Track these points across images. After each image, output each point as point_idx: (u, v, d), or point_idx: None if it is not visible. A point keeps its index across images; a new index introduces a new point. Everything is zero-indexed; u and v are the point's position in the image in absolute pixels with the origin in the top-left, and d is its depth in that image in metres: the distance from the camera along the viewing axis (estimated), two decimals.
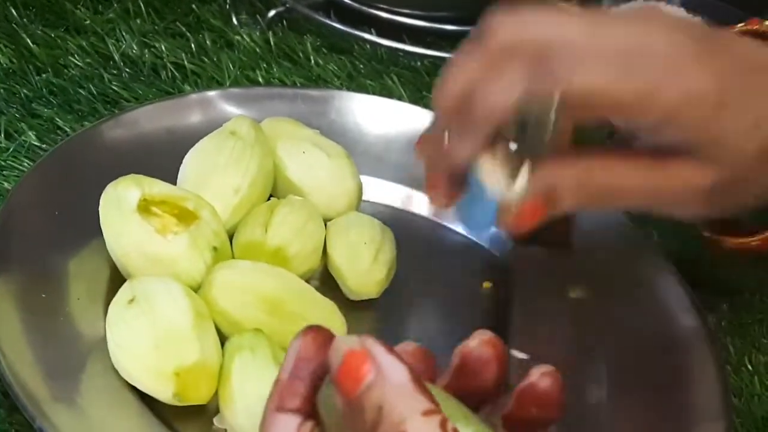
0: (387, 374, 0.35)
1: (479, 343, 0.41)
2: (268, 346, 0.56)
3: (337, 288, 0.65)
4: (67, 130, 0.72)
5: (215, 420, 0.56)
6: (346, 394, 0.35)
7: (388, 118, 0.77)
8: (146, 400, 0.56)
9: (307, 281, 0.63)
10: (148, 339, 0.54)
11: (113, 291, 0.59)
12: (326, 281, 0.66)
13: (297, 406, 0.38)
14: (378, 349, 0.36)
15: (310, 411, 0.38)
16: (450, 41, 0.89)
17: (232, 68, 0.81)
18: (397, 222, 0.69)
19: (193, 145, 0.67)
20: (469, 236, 0.71)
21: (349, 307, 0.63)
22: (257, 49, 0.84)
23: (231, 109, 0.73)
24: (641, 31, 0.48)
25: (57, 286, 0.60)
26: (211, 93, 0.74)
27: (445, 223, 0.72)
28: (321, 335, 0.39)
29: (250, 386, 0.54)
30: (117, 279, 0.60)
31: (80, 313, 0.59)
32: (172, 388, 0.54)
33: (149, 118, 0.71)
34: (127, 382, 0.56)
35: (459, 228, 0.72)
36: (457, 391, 0.40)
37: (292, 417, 0.38)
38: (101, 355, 0.57)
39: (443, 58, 0.87)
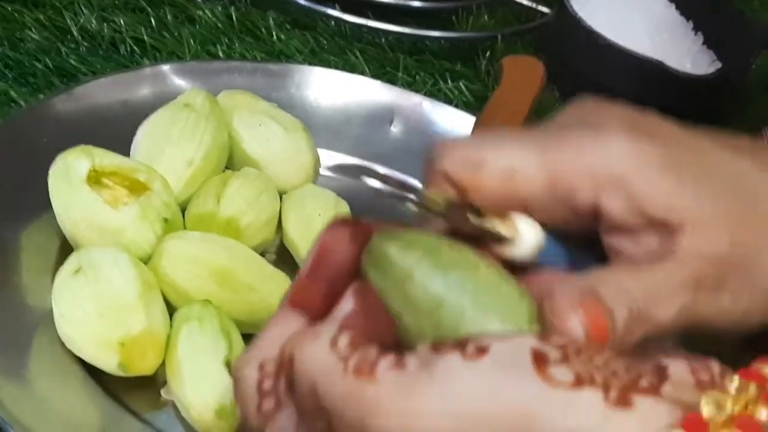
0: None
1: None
2: (216, 317, 0.55)
3: (294, 261, 0.64)
4: (22, 103, 0.71)
5: (162, 391, 0.55)
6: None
7: (347, 92, 0.76)
8: (93, 372, 0.55)
9: (263, 255, 0.63)
10: (92, 308, 0.53)
11: (63, 263, 0.58)
12: (282, 255, 0.65)
13: (308, 306, 0.36)
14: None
15: (322, 312, 0.36)
16: (415, 18, 0.89)
17: (192, 43, 0.80)
18: (354, 195, 0.68)
19: (147, 118, 0.66)
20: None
21: None
22: (219, 25, 0.83)
23: (187, 82, 0.72)
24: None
25: (6, 258, 0.59)
26: (167, 66, 0.73)
27: (403, 195, 0.71)
28: (347, 231, 0.37)
29: (196, 357, 0.54)
30: (67, 251, 0.59)
31: (29, 285, 0.58)
32: (116, 357, 0.53)
33: (103, 91, 0.70)
34: (73, 354, 0.55)
35: (417, 201, 0.71)
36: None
37: (299, 317, 0.36)
38: (48, 328, 0.56)
39: (408, 35, 0.86)
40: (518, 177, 0.38)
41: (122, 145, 0.64)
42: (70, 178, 0.59)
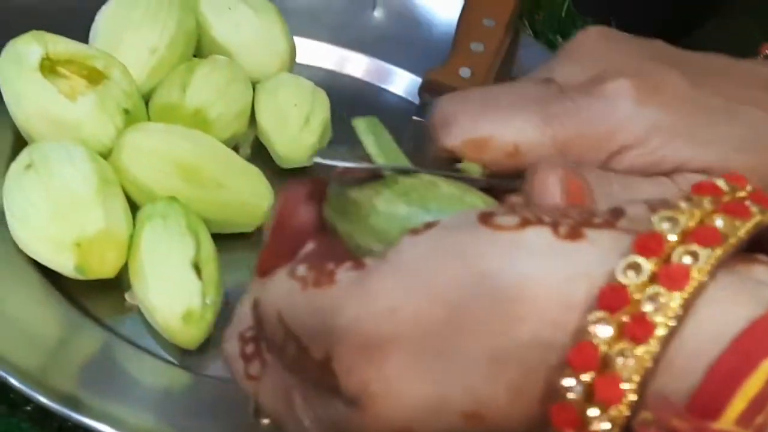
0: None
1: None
2: (182, 214, 0.51)
3: (269, 156, 0.60)
4: None
5: (127, 296, 0.52)
6: None
7: None
8: (51, 275, 0.51)
9: (236, 149, 0.58)
10: (45, 207, 0.49)
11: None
12: (257, 150, 0.61)
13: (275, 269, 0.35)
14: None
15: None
16: None
17: None
18: (331, 85, 0.64)
19: (106, 1, 0.61)
20: (407, 99, 0.66)
21: (281, 175, 0.59)
22: None
23: None
24: None
25: None
26: None
27: (383, 86, 0.67)
28: (302, 191, 0.36)
29: (161, 257, 0.50)
30: (21, 145, 0.55)
31: None
32: (73, 259, 0.49)
33: None
34: (28, 256, 0.51)
35: (402, 92, 0.67)
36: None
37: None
38: (0, 227, 0.52)
39: None
40: (523, 152, 0.38)
41: (80, 32, 0.59)
42: (21, 67, 0.54)
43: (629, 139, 0.38)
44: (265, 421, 0.35)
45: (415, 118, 0.63)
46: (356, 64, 0.68)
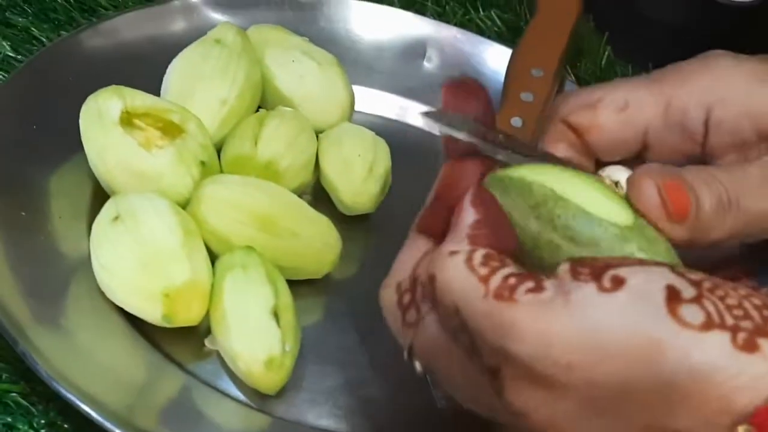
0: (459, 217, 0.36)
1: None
2: (260, 263, 0.53)
3: (331, 203, 0.62)
4: (44, 40, 0.68)
5: (207, 341, 0.54)
6: None
7: (379, 25, 0.73)
8: (134, 321, 0.53)
9: (300, 196, 0.61)
10: (134, 258, 0.51)
11: (97, 208, 0.56)
12: (319, 196, 0.63)
13: (433, 231, 0.38)
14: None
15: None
16: None
17: None
18: (390, 133, 0.66)
19: (176, 54, 0.63)
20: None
21: (343, 222, 0.61)
22: None
23: (216, 16, 0.70)
24: None
25: (37, 203, 0.57)
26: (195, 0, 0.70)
27: (440, 135, 0.69)
28: (471, 163, 0.40)
29: (242, 306, 0.52)
30: (100, 196, 0.57)
31: (63, 231, 0.56)
32: (161, 309, 0.51)
33: (130, 27, 0.67)
34: (113, 303, 0.53)
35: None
36: None
37: (425, 241, 0.38)
38: (86, 276, 0.54)
39: None
40: (632, 107, 0.42)
41: (152, 84, 0.62)
42: (103, 121, 0.56)
43: (729, 90, 0.41)
44: (419, 367, 0.37)
45: None
46: (410, 111, 0.71)
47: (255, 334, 0.51)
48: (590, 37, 0.80)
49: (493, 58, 0.73)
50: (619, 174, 0.41)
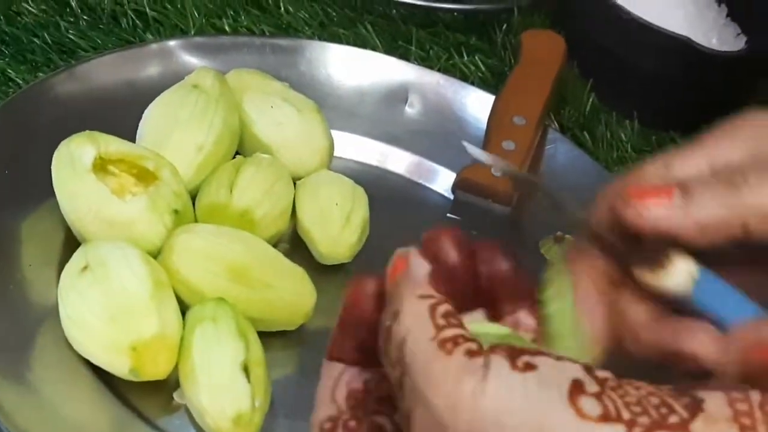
0: (412, 269, 0.35)
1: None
2: (232, 316, 0.52)
3: (307, 251, 0.61)
4: (20, 82, 0.68)
5: (175, 395, 0.53)
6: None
7: (361, 70, 0.73)
8: (102, 374, 0.52)
9: (275, 244, 0.60)
10: (102, 310, 0.50)
11: (68, 257, 0.55)
12: (296, 244, 0.62)
13: (345, 356, 0.37)
14: (414, 253, 0.36)
15: (359, 361, 0.37)
16: None
17: (196, 15, 0.76)
18: (370, 180, 0.66)
19: (153, 98, 0.62)
20: (445, 195, 0.68)
21: (320, 271, 0.60)
22: None
23: (194, 59, 0.69)
24: None
25: (7, 250, 0.56)
26: (173, 42, 0.70)
27: (421, 182, 0.69)
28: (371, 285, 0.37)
29: (211, 360, 0.51)
30: (72, 243, 0.56)
31: (32, 280, 0.56)
32: (128, 363, 0.50)
33: (106, 70, 0.66)
34: (81, 355, 0.52)
35: (436, 187, 0.69)
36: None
37: (335, 366, 0.37)
38: (54, 326, 0.53)
39: (420, 6, 0.83)
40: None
41: (127, 129, 0.61)
42: (75, 167, 0.55)
43: None
44: None
45: (449, 215, 0.65)
46: (390, 158, 0.70)
47: (224, 389, 0.50)
48: (574, 84, 0.79)
49: (476, 105, 0.72)
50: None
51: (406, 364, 0.33)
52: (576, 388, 0.31)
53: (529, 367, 0.32)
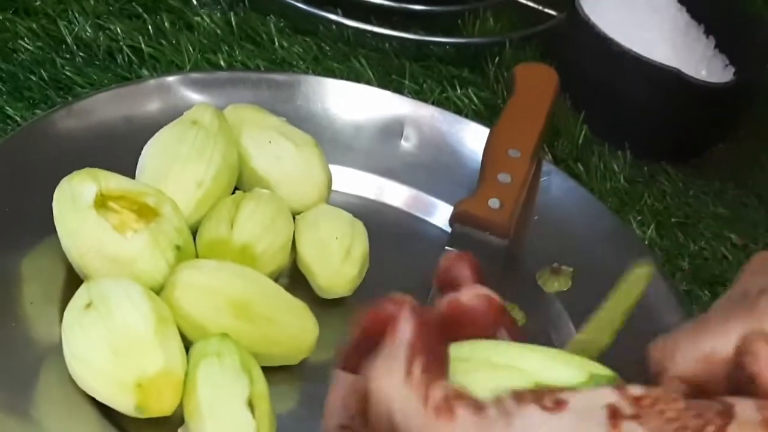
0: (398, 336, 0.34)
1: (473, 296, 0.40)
2: (235, 351, 0.52)
3: (307, 285, 0.61)
4: (18, 119, 0.68)
5: (180, 431, 0.52)
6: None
7: (357, 104, 0.73)
8: (106, 411, 0.52)
9: (276, 279, 0.60)
10: (106, 347, 0.50)
11: (69, 293, 0.55)
12: (296, 279, 0.62)
13: (355, 366, 0.36)
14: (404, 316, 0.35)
15: None
16: (418, 21, 0.86)
17: (192, 51, 0.77)
18: (368, 214, 0.66)
19: (152, 134, 0.63)
20: (443, 228, 0.68)
21: (320, 305, 0.60)
22: (218, 31, 0.80)
23: (192, 95, 0.69)
24: None
25: (8, 288, 0.56)
26: (171, 78, 0.70)
27: (419, 215, 0.69)
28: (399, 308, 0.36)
29: (217, 397, 0.51)
30: (73, 281, 0.56)
31: (34, 317, 0.55)
32: (133, 399, 0.50)
33: (105, 106, 0.67)
34: (84, 392, 0.52)
35: (434, 220, 0.69)
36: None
37: (346, 376, 0.37)
38: (57, 364, 0.53)
39: (412, 40, 0.84)
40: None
41: (126, 165, 0.61)
42: (77, 204, 0.56)
43: None
44: None
45: (447, 248, 0.65)
46: (387, 191, 0.70)
47: (229, 425, 0.50)
48: (567, 116, 0.80)
49: (471, 138, 0.73)
50: None
51: None
52: (614, 415, 0.31)
53: (559, 404, 0.31)
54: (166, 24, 0.79)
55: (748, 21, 0.85)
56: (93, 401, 0.52)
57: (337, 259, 0.60)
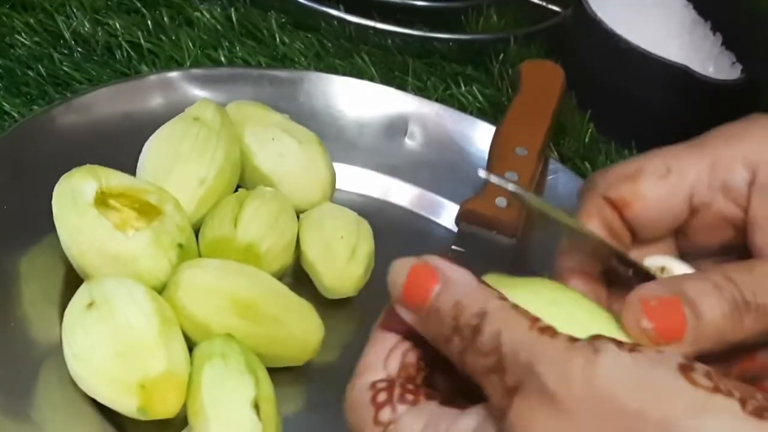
0: (453, 278, 0.36)
1: None
2: (240, 352, 0.51)
3: (312, 285, 0.60)
4: (15, 115, 0.66)
5: None
6: (417, 307, 0.36)
7: (360, 101, 0.72)
8: (107, 413, 0.51)
9: (280, 279, 0.59)
10: (108, 348, 0.49)
11: (69, 293, 0.53)
12: (300, 278, 0.61)
13: (399, 328, 0.37)
14: (438, 260, 0.37)
15: (412, 334, 0.37)
16: (421, 17, 0.85)
17: (192, 47, 0.76)
18: (373, 212, 0.65)
19: (153, 131, 0.61)
20: (449, 228, 0.67)
21: (325, 305, 0.59)
22: (218, 27, 0.79)
23: (193, 91, 0.68)
24: None
25: (7, 288, 0.55)
26: (172, 74, 0.69)
27: (425, 214, 0.68)
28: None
29: (222, 398, 0.49)
30: (73, 280, 0.55)
31: (33, 317, 0.54)
32: (136, 401, 0.49)
33: (105, 102, 0.65)
34: (86, 394, 0.51)
35: (439, 219, 0.68)
36: None
37: (390, 336, 0.38)
38: (57, 365, 0.52)
39: (415, 36, 0.83)
40: (675, 172, 0.40)
41: (128, 162, 0.60)
42: (77, 202, 0.54)
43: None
44: None
45: (454, 247, 0.64)
46: (393, 190, 0.69)
47: (234, 427, 0.49)
48: (573, 114, 0.79)
49: (477, 136, 0.72)
50: (664, 261, 0.40)
51: (504, 353, 0.33)
52: (685, 367, 0.31)
53: (635, 349, 0.32)
54: (165, 19, 0.78)
55: (755, 18, 0.84)
56: (94, 403, 0.51)
57: (343, 259, 0.59)
